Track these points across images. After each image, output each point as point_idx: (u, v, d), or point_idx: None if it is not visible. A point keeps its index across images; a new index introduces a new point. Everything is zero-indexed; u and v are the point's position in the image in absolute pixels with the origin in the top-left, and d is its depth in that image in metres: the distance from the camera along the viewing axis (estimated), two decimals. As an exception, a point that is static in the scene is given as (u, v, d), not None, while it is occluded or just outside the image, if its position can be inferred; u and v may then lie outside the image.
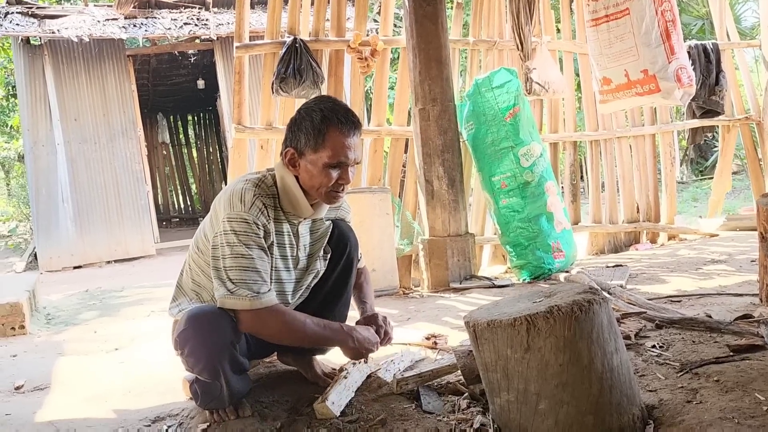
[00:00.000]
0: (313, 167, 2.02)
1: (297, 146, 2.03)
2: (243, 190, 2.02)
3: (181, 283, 2.36)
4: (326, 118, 2.01)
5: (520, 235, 4.07)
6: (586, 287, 1.91)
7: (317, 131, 2.00)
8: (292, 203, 2.09)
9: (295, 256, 2.20)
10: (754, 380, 1.94)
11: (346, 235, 2.38)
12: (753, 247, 4.28)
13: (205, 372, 2.04)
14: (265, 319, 1.98)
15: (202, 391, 2.10)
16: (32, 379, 2.85)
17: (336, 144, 2.01)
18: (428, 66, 4.02)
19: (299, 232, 2.18)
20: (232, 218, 1.98)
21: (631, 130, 5.15)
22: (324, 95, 2.24)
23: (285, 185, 2.07)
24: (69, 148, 9.01)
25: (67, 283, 7.85)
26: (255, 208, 1.99)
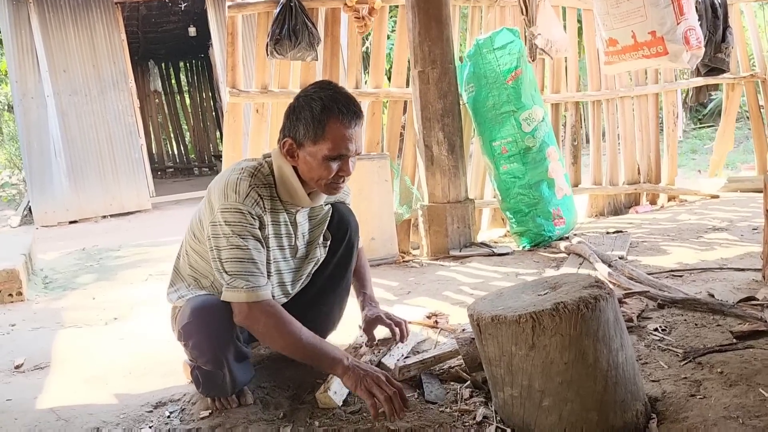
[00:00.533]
0: (312, 159, 1.95)
1: (295, 137, 1.96)
2: (238, 180, 1.96)
3: (178, 267, 2.32)
4: (326, 108, 1.92)
5: (521, 201, 4.02)
6: (592, 280, 1.88)
7: (317, 122, 1.92)
8: (290, 193, 2.04)
9: (293, 245, 2.16)
10: (758, 372, 1.93)
11: (347, 219, 2.33)
12: (754, 213, 4.26)
13: (209, 363, 2.04)
14: (258, 315, 1.92)
15: (205, 379, 2.10)
16: (32, 357, 2.84)
17: (336, 136, 1.93)
18: (428, 26, 3.89)
19: (297, 221, 2.14)
20: (226, 209, 1.93)
21: (634, 90, 5.04)
22: (324, 81, 2.11)
23: (282, 175, 2.02)
24: (59, 101, 8.83)
25: (64, 239, 7.81)
26: (250, 198, 1.94)
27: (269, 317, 1.92)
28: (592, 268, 3.23)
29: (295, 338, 1.92)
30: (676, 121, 5.34)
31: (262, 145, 4.09)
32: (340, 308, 2.43)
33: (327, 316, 2.40)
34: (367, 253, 3.79)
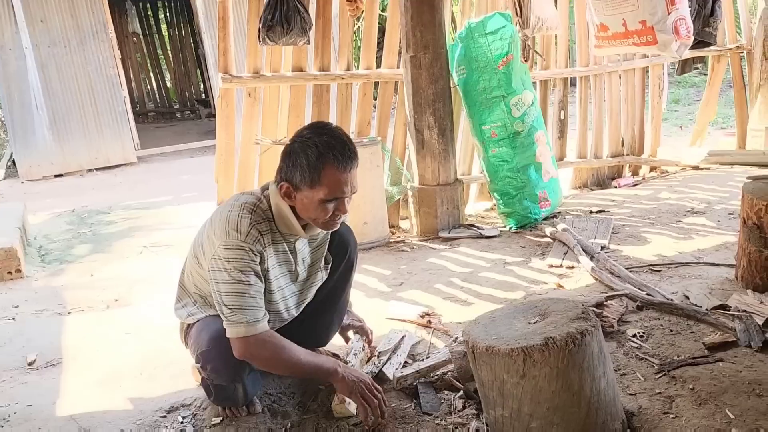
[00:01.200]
0: (309, 202, 2.04)
1: (292, 181, 2.04)
2: (239, 218, 2.05)
3: (183, 283, 2.41)
4: (322, 155, 1.99)
5: (509, 184, 4.14)
6: (579, 312, 2.02)
7: (313, 169, 1.99)
8: (287, 226, 2.14)
9: (294, 271, 2.26)
10: (725, 391, 2.12)
11: (347, 239, 2.45)
12: (731, 194, 4.44)
13: (225, 383, 2.18)
14: (257, 348, 2.05)
15: (216, 390, 2.24)
16: (43, 353, 2.96)
17: (332, 181, 2.01)
18: (420, 10, 3.90)
19: (296, 248, 2.24)
20: (228, 246, 2.02)
21: (622, 65, 5.10)
22: (320, 124, 2.14)
23: (279, 211, 2.11)
24: (38, 52, 8.66)
25: (51, 196, 7.83)
26: (251, 236, 2.03)
27: (267, 348, 2.05)
28: (576, 260, 3.39)
29: (294, 362, 2.09)
30: (661, 93, 5.42)
31: (254, 130, 4.14)
32: (339, 319, 2.56)
33: (328, 327, 2.54)
34: (360, 237, 3.91)
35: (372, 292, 3.33)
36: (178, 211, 6.28)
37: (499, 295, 3.15)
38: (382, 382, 2.37)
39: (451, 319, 2.92)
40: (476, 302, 3.11)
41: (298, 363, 2.09)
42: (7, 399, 2.54)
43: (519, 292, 3.16)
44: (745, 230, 2.83)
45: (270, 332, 2.08)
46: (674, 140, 7.92)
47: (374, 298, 3.24)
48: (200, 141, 10.32)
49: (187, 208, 6.36)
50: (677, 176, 5.30)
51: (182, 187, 7.63)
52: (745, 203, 2.81)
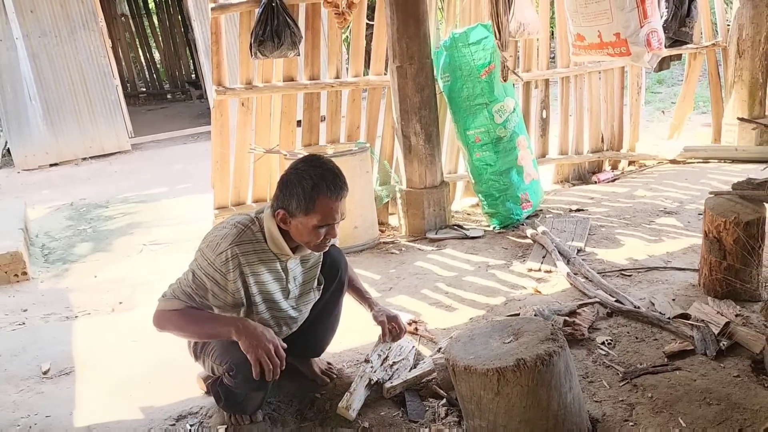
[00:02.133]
0: (303, 228, 2.27)
1: (288, 209, 2.26)
2: (224, 236, 2.31)
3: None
4: (316, 186, 2.21)
5: (492, 187, 4.34)
6: (548, 332, 2.25)
7: (308, 198, 2.21)
8: (278, 247, 2.35)
9: (286, 288, 2.47)
10: (680, 400, 2.36)
11: (337, 261, 2.66)
12: (702, 192, 4.66)
13: (251, 391, 2.41)
14: (163, 319, 2.37)
15: (226, 397, 2.46)
16: (56, 361, 3.17)
17: (325, 209, 2.24)
18: (406, 23, 4.05)
19: (288, 267, 2.45)
20: (203, 255, 2.33)
21: (602, 65, 5.27)
22: (313, 157, 2.34)
23: (271, 234, 2.34)
24: (29, 43, 8.72)
25: (48, 186, 7.98)
26: (220, 258, 2.28)
27: (172, 320, 2.37)
28: (554, 264, 3.62)
29: (195, 332, 2.41)
30: (639, 91, 5.61)
31: (248, 137, 4.31)
32: (332, 332, 2.78)
33: (321, 339, 2.75)
34: (351, 240, 4.18)
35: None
36: (174, 204, 6.46)
37: (481, 301, 3.37)
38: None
39: (436, 326, 3.14)
40: (460, 308, 3.33)
41: (204, 336, 2.43)
42: (27, 410, 2.75)
43: (500, 297, 3.38)
44: (706, 242, 3.06)
45: (177, 311, 2.35)
46: (655, 125, 8.11)
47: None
48: (192, 127, 10.44)
49: (182, 201, 6.55)
50: (654, 171, 5.52)
51: (176, 177, 7.79)
52: (706, 218, 3.03)
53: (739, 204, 3.04)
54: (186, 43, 15.01)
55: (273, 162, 4.45)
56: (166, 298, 2.38)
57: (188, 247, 4.82)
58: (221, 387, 2.46)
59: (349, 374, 2.78)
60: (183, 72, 15.56)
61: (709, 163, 5.51)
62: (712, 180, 4.99)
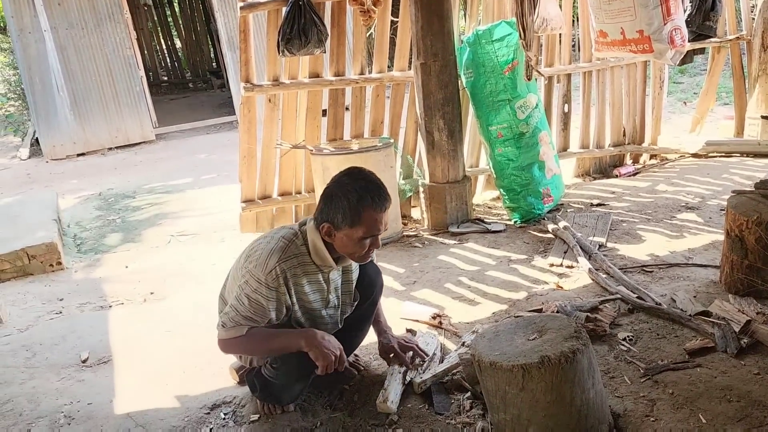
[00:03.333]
0: (348, 240, 2.33)
1: (334, 222, 2.32)
2: (271, 252, 2.36)
3: (223, 296, 2.71)
4: (362, 199, 2.28)
5: (514, 182, 4.40)
6: (572, 330, 2.32)
7: (354, 211, 2.28)
8: (321, 259, 2.43)
9: (326, 298, 2.56)
10: (701, 396, 2.42)
11: (374, 281, 2.74)
12: (724, 188, 4.68)
13: (291, 384, 2.53)
14: (230, 345, 2.45)
15: (262, 387, 2.57)
16: (94, 350, 3.30)
17: (370, 222, 2.30)
18: (430, 21, 4.11)
19: (330, 278, 2.53)
20: (252, 275, 2.36)
21: (624, 59, 5.28)
22: (356, 170, 2.44)
23: (315, 246, 2.41)
24: (56, 35, 8.89)
25: (76, 176, 8.16)
26: (272, 275, 2.34)
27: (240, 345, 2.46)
28: (575, 259, 3.68)
29: (264, 350, 2.49)
30: (662, 84, 5.61)
31: (275, 132, 4.41)
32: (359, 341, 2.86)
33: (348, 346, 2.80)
34: (375, 234, 4.23)
35: (387, 291, 3.62)
36: (200, 195, 6.59)
37: (503, 295, 3.45)
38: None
39: (460, 320, 3.23)
40: (483, 302, 3.41)
41: (273, 352, 2.47)
42: (69, 397, 2.88)
43: (522, 292, 3.45)
44: (728, 241, 3.10)
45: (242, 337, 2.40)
46: (677, 117, 8.09)
47: (390, 297, 3.54)
48: (215, 118, 10.60)
49: (207, 192, 6.68)
50: (675, 165, 5.53)
51: (201, 167, 7.93)
52: (728, 217, 3.07)
53: (761, 203, 3.07)
54: (207, 33, 15.15)
55: (299, 156, 4.54)
56: (227, 328, 2.40)
57: (215, 239, 4.97)
58: (258, 377, 2.58)
59: (376, 367, 2.88)
60: (204, 61, 15.69)
61: (732, 157, 5.52)
62: (735, 175, 5.00)
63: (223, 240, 4.91)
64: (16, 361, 3.27)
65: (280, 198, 4.67)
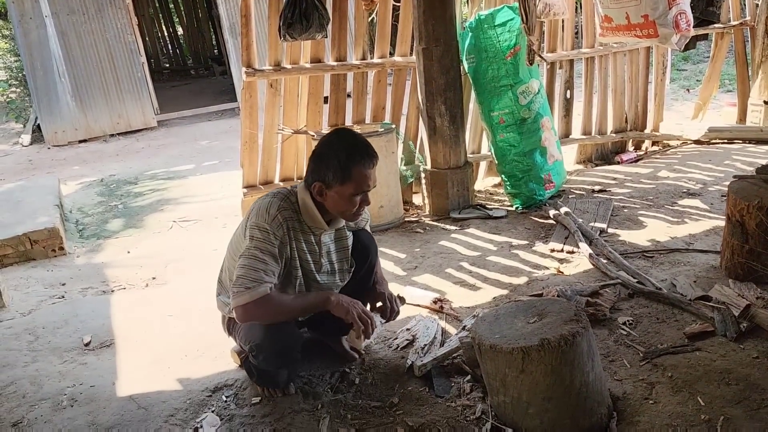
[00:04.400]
0: (339, 197, 2.37)
1: (325, 181, 2.36)
2: (270, 203, 2.39)
3: (221, 279, 2.72)
4: (351, 156, 2.32)
5: (515, 167, 4.40)
6: (572, 314, 2.33)
7: (344, 168, 2.32)
8: (313, 220, 2.45)
9: (318, 261, 2.57)
10: (699, 379, 2.43)
11: (367, 246, 2.76)
12: (726, 174, 4.68)
13: (273, 369, 2.54)
14: (256, 311, 2.34)
15: (258, 372, 2.59)
16: (97, 334, 3.32)
17: (360, 178, 2.34)
18: (432, 6, 4.09)
19: (321, 241, 2.55)
20: (255, 225, 2.37)
21: (627, 45, 5.26)
22: (343, 130, 2.54)
23: (305, 206, 2.44)
24: (57, 20, 8.87)
25: (78, 162, 8.17)
26: (276, 221, 2.36)
27: (263, 309, 2.35)
28: (576, 245, 3.69)
29: (289, 311, 2.44)
30: (665, 71, 5.59)
31: (276, 118, 4.40)
32: None
33: None
34: (376, 219, 4.27)
35: (389, 276, 3.64)
36: (201, 181, 6.60)
37: (504, 280, 3.46)
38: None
39: (460, 304, 3.24)
40: (483, 287, 3.42)
41: (293, 311, 2.46)
42: (73, 380, 2.90)
43: (522, 277, 3.46)
44: (729, 226, 3.10)
45: (267, 295, 2.33)
46: (679, 104, 8.08)
47: (391, 282, 3.52)
48: (216, 105, 10.58)
49: (209, 178, 6.69)
50: (678, 152, 5.53)
51: (202, 153, 7.93)
52: (729, 202, 3.07)
53: (762, 188, 3.07)
54: (209, 19, 15.09)
55: (300, 142, 4.54)
56: (248, 291, 2.31)
57: (217, 224, 4.98)
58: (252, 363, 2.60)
59: (377, 350, 2.89)
60: (206, 47, 15.65)
61: (734, 143, 5.51)
62: (736, 161, 5.00)
63: (224, 226, 4.92)
64: (19, 345, 3.29)
65: (281, 184, 4.67)
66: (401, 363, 2.75)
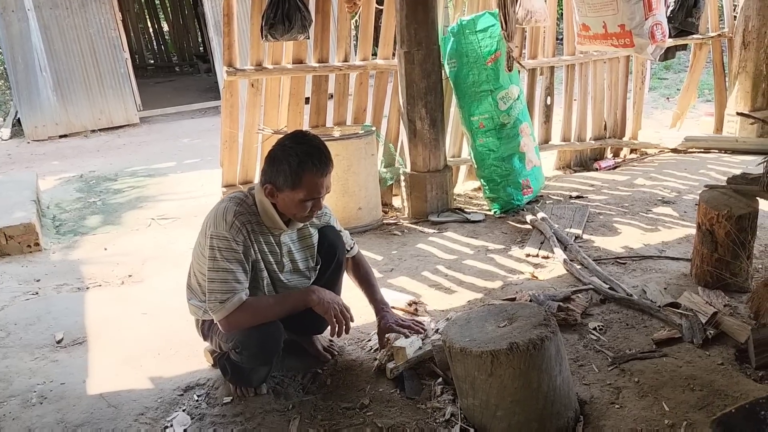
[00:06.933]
0: (290, 201, 2.38)
1: (276, 184, 2.37)
2: (226, 209, 2.40)
3: (191, 285, 2.71)
4: (302, 162, 2.32)
5: (494, 172, 4.43)
6: (541, 318, 2.36)
7: (294, 174, 2.32)
8: (271, 221, 2.47)
9: (280, 262, 2.58)
10: (665, 385, 2.48)
11: (334, 244, 2.76)
12: (701, 182, 4.74)
13: (257, 366, 2.54)
14: (238, 320, 2.39)
15: (233, 370, 2.60)
16: (69, 331, 3.30)
17: (311, 185, 2.35)
18: (414, 9, 4.11)
19: (281, 241, 2.56)
20: (215, 235, 2.37)
21: (608, 53, 5.32)
22: (299, 133, 2.53)
23: (263, 207, 2.45)
24: (40, 14, 8.80)
25: (58, 158, 8.10)
26: (234, 228, 2.37)
27: (246, 317, 2.39)
28: (551, 250, 3.73)
29: (273, 313, 2.45)
30: (644, 80, 5.67)
31: (257, 117, 4.40)
32: None
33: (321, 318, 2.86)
34: (354, 221, 4.28)
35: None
36: (182, 179, 6.57)
37: (479, 284, 3.49)
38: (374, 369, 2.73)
39: (435, 307, 3.26)
40: (458, 290, 3.45)
41: (276, 311, 2.46)
42: (43, 377, 2.88)
43: (497, 281, 3.49)
44: (699, 234, 3.15)
45: (243, 303, 2.37)
46: (659, 113, 8.17)
47: (367, 284, 3.57)
48: (200, 102, 10.55)
49: (189, 176, 6.67)
50: (655, 160, 5.60)
51: (184, 151, 7.90)
52: (700, 211, 3.12)
53: (732, 198, 3.13)
54: (195, 16, 15.03)
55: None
56: (225, 303, 2.35)
57: (195, 222, 4.96)
58: (228, 361, 2.59)
59: (350, 351, 2.90)
60: (191, 45, 15.59)
61: (710, 153, 5.59)
62: (711, 170, 5.08)
63: (203, 224, 4.89)
64: (-10, 341, 3.27)
65: (261, 183, 4.67)
66: (373, 365, 2.76)
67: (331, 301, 2.48)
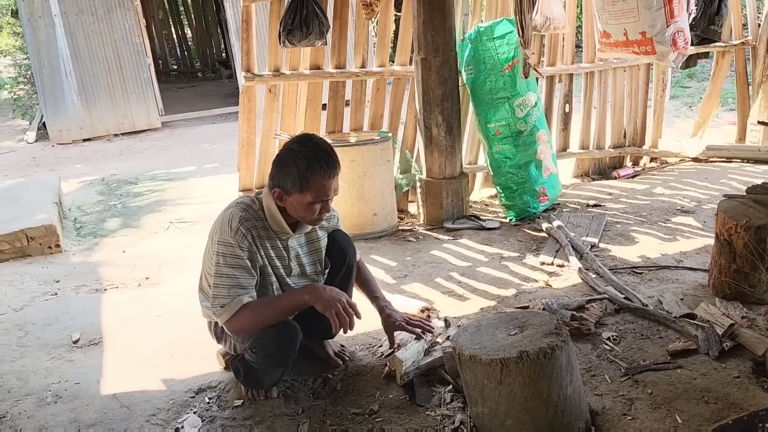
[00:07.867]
0: (299, 204, 2.39)
1: (284, 188, 2.38)
2: (231, 215, 2.42)
3: (202, 287, 2.74)
4: (310, 165, 2.33)
5: (510, 180, 4.42)
6: (552, 327, 2.34)
7: (302, 177, 2.33)
8: (278, 225, 2.48)
9: (287, 266, 2.59)
10: (678, 397, 2.44)
11: (345, 248, 2.77)
12: (722, 192, 4.66)
13: (273, 368, 2.55)
14: (242, 323, 2.40)
15: (245, 372, 2.61)
16: (86, 332, 3.34)
17: (319, 187, 2.36)
18: (431, 16, 4.12)
19: (289, 246, 2.57)
20: (221, 241, 2.40)
21: (627, 60, 5.28)
22: (306, 136, 2.53)
23: (270, 212, 2.46)
24: (66, 20, 8.95)
25: (81, 161, 8.22)
26: (239, 234, 2.39)
27: (245, 314, 2.39)
28: (566, 258, 3.70)
29: (277, 314, 2.44)
30: (664, 88, 5.61)
31: (274, 123, 4.44)
32: None
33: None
34: (369, 227, 4.29)
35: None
36: (201, 183, 6.63)
37: (492, 292, 3.47)
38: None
39: (447, 314, 3.24)
40: (471, 297, 3.43)
41: (279, 310, 2.45)
42: (59, 376, 2.92)
43: (511, 289, 3.47)
44: (717, 244, 3.11)
45: (244, 306, 2.38)
46: (681, 121, 8.08)
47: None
48: (221, 108, 10.64)
49: (208, 180, 6.72)
50: (675, 169, 5.53)
51: (204, 156, 7.97)
52: (718, 221, 3.08)
53: (752, 208, 3.08)
54: (218, 22, 15.18)
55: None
56: (226, 306, 2.38)
57: (213, 227, 4.99)
58: (242, 363, 2.61)
59: (361, 357, 2.90)
60: (214, 51, 15.74)
61: (732, 162, 5.51)
62: (732, 180, 5.00)
63: (220, 228, 4.93)
64: (8, 340, 3.32)
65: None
66: (384, 371, 2.76)
67: (332, 297, 2.44)
